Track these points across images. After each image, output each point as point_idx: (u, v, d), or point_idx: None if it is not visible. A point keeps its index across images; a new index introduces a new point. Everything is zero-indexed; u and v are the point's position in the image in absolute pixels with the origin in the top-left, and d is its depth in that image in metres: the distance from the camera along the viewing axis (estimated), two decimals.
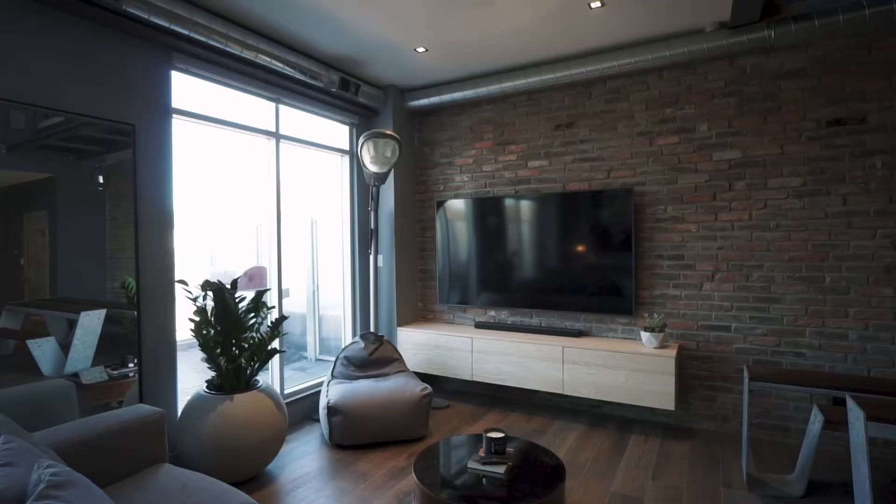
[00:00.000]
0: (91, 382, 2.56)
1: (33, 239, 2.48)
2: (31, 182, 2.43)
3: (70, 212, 2.51)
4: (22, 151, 2.33)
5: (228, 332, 2.63)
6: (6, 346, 2.35)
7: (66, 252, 2.51)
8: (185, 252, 5.31)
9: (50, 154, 2.41)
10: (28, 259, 2.45)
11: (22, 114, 2.26)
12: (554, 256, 3.79)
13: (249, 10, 2.80)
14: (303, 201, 4.64)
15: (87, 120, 2.44)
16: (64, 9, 2.26)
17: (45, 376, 2.44)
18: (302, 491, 2.59)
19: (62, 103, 2.32)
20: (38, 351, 2.50)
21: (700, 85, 3.36)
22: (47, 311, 2.52)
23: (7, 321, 2.38)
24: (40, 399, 2.39)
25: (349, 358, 3.66)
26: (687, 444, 3.14)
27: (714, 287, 3.34)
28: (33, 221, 2.48)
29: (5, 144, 2.25)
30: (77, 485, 1.26)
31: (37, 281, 2.48)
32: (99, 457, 1.87)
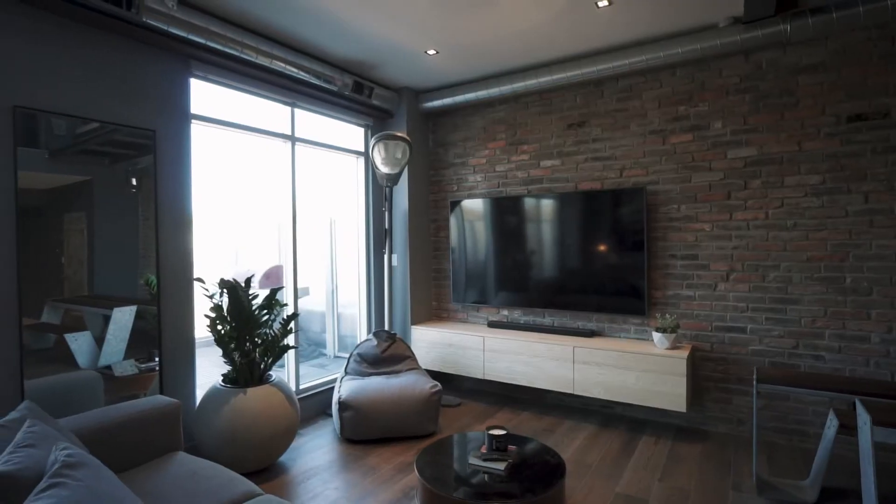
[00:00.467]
0: (122, 375, 2.72)
1: (73, 238, 2.64)
2: (70, 185, 2.60)
3: (106, 212, 2.67)
4: (62, 156, 2.49)
5: (242, 328, 2.74)
6: (48, 339, 2.52)
7: (102, 251, 2.67)
8: (210, 251, 5.53)
9: (87, 158, 2.57)
10: (68, 258, 2.62)
11: (63, 121, 2.42)
12: (566, 256, 3.78)
13: (263, 18, 2.91)
14: (322, 202, 4.76)
15: (114, 126, 2.59)
16: (91, 23, 2.40)
17: (81, 368, 2.60)
18: (312, 482, 2.68)
19: (89, 111, 2.47)
20: (75, 344, 2.66)
21: (714, 81, 3.30)
22: (85, 307, 2.68)
23: (48, 316, 2.55)
24: (70, 388, 2.54)
25: (362, 355, 3.74)
26: (699, 446, 3.10)
27: (729, 287, 3.28)
28: (73, 222, 2.65)
29: (48, 150, 2.42)
30: (89, 466, 1.35)
31: (76, 278, 2.65)
32: (117, 443, 1.99)
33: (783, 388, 2.29)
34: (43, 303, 2.55)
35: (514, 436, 2.63)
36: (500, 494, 2.06)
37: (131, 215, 2.74)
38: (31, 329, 2.47)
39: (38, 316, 2.57)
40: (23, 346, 2.28)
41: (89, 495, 1.23)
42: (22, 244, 2.35)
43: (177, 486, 1.81)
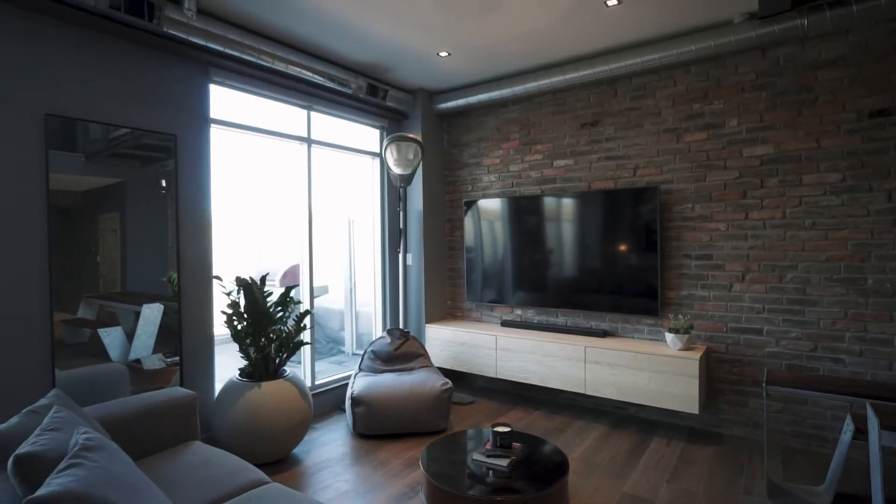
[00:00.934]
0: (151, 368, 2.86)
1: (107, 238, 2.80)
2: (105, 186, 2.75)
3: (137, 213, 2.82)
4: (97, 159, 2.65)
5: (257, 325, 2.85)
6: (83, 334, 2.68)
7: (134, 249, 2.82)
8: (235, 250, 5.71)
9: (120, 161, 2.73)
10: (103, 256, 2.77)
11: (97, 126, 2.56)
12: (579, 256, 3.77)
13: (279, 25, 3.01)
14: (340, 202, 4.86)
15: (140, 132, 2.73)
16: (116, 34, 2.54)
17: (113, 361, 2.75)
18: (323, 474, 2.76)
19: (113, 117, 2.61)
20: (108, 339, 2.82)
21: (729, 78, 3.24)
22: (117, 303, 2.83)
23: (84, 311, 2.71)
24: (98, 379, 2.69)
25: (376, 352, 3.81)
26: (712, 449, 3.05)
27: (744, 288, 3.22)
28: (107, 222, 2.81)
29: (84, 153, 2.58)
30: (106, 449, 1.45)
31: (109, 276, 2.80)
32: (137, 431, 2.10)
33: (792, 391, 2.25)
34: (79, 299, 2.71)
35: (519, 433, 2.66)
36: (502, 490, 2.09)
37: (160, 215, 2.88)
38: (69, 324, 2.63)
39: (74, 311, 2.74)
40: (53, 338, 2.42)
41: (104, 475, 1.33)
42: (58, 243, 2.51)
43: (190, 473, 1.91)
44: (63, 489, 1.21)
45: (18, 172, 2.29)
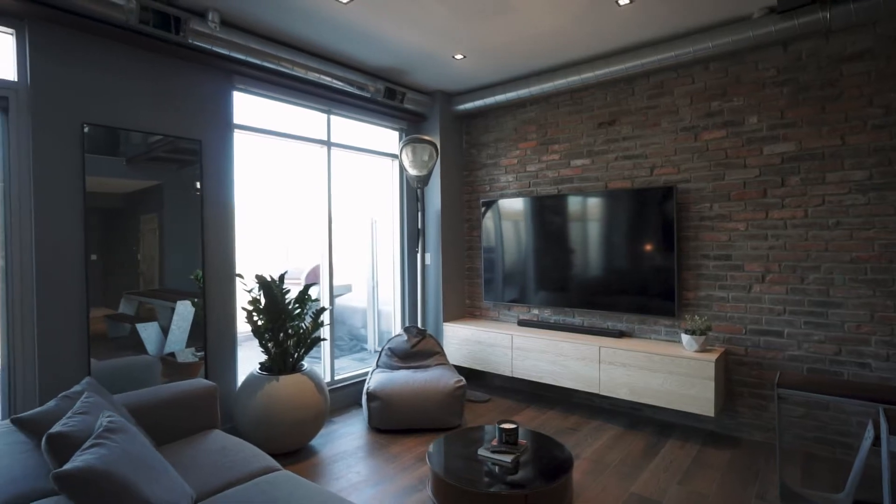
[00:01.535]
0: (184, 362, 3.03)
1: (147, 237, 2.99)
2: (145, 189, 2.95)
3: (174, 214, 3.01)
4: (137, 163, 2.84)
5: (276, 321, 2.97)
6: (125, 328, 2.87)
7: (171, 248, 3.00)
8: (264, 250, 5.92)
9: (158, 164, 2.92)
10: (143, 255, 2.96)
11: (136, 132, 2.75)
12: (596, 256, 3.76)
13: (298, 33, 3.13)
14: (363, 203, 4.98)
15: (170, 138, 2.90)
16: (144, 47, 2.71)
17: (149, 354, 2.93)
18: (337, 465, 2.87)
19: (142, 124, 2.78)
20: (145, 333, 3.01)
21: (749, 75, 3.17)
22: (155, 299, 3.02)
23: (124, 307, 2.91)
24: (131, 370, 2.87)
25: (393, 349, 3.90)
26: (728, 453, 3.00)
27: (764, 289, 3.14)
28: (147, 222, 3.00)
29: (125, 157, 2.77)
30: (127, 432, 1.58)
31: (149, 273, 2.99)
32: (162, 418, 2.25)
33: (803, 394, 2.19)
34: (120, 295, 2.90)
35: (528, 431, 2.69)
36: (504, 484, 2.13)
37: (195, 216, 3.05)
38: (111, 319, 2.83)
39: (116, 307, 2.93)
40: (89, 331, 2.61)
41: (123, 455, 1.45)
42: (103, 243, 2.73)
43: (207, 458, 2.03)
44: (85, 465, 1.33)
45: (59, 179, 2.48)
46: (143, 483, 1.43)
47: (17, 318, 2.37)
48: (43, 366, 2.43)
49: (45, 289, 2.43)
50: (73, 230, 2.53)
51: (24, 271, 2.38)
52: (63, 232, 2.49)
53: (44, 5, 2.30)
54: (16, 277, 2.36)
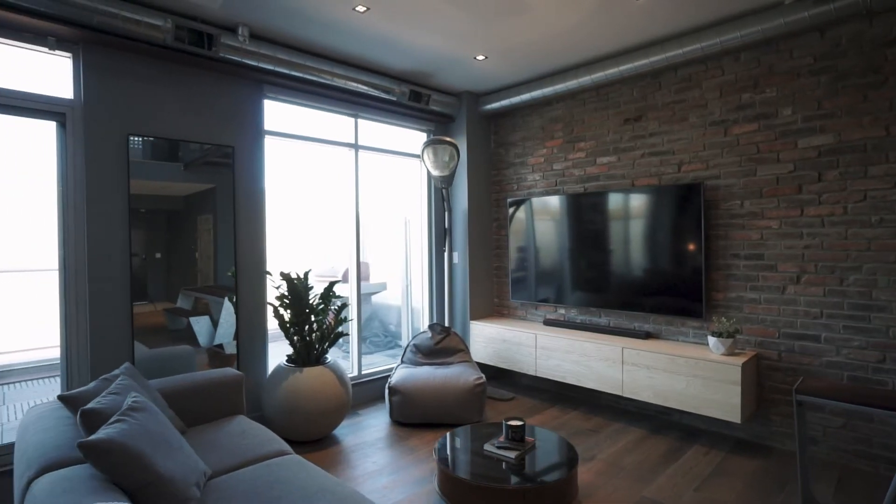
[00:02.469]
0: (231, 353, 3.29)
1: (203, 236, 3.27)
2: (201, 191, 3.23)
3: (225, 214, 3.27)
4: (193, 168, 3.13)
5: (300, 316, 3.15)
6: (182, 322, 3.16)
7: (223, 247, 3.26)
8: (306, 249, 6.19)
9: (211, 169, 3.20)
10: (200, 253, 3.24)
11: (176, 140, 3.02)
12: (622, 255, 3.68)
13: (322, 42, 3.29)
14: (396, 203, 5.12)
15: (209, 146, 3.15)
16: (181, 62, 2.96)
17: (201, 346, 3.20)
18: (355, 454, 3.00)
19: (181, 133, 3.03)
20: (198, 326, 3.29)
21: (783, 64, 3.00)
22: (207, 295, 3.30)
23: (182, 302, 3.20)
24: (172, 359, 3.14)
25: (417, 346, 4.00)
26: (756, 462, 2.86)
27: (799, 291, 2.97)
28: (203, 223, 3.28)
29: (182, 163, 3.07)
30: (148, 411, 1.76)
31: (205, 270, 3.27)
32: (192, 403, 2.45)
33: (822, 401, 2.07)
34: (178, 291, 3.19)
35: (540, 430, 2.70)
36: (505, 480, 2.17)
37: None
38: (170, 312, 3.13)
39: (174, 301, 3.23)
40: (133, 321, 2.87)
41: (141, 430, 1.62)
42: (167, 242, 3.05)
43: (227, 440, 2.21)
44: (106, 437, 1.50)
45: (107, 185, 2.76)
46: (157, 456, 1.59)
47: (73, 308, 2.67)
48: (94, 351, 2.71)
49: (95, 283, 2.72)
50: (119, 230, 2.81)
51: (78, 267, 2.67)
52: (110, 232, 2.77)
53: (95, 31, 2.57)
54: (71, 272, 2.66)
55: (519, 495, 2.11)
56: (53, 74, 2.66)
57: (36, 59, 2.64)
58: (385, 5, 2.80)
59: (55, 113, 2.61)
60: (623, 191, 3.66)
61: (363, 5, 2.79)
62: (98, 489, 1.44)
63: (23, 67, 2.59)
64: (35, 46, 2.56)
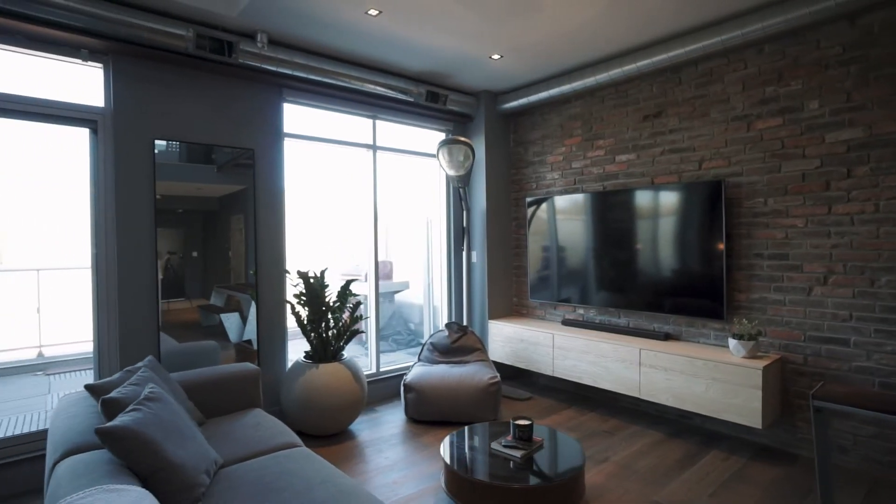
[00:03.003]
0: (257, 349, 3.42)
1: (235, 236, 3.42)
2: (233, 192, 3.38)
3: (257, 215, 3.42)
4: (226, 170, 3.29)
5: (317, 313, 3.23)
6: (214, 318, 3.32)
7: (253, 246, 3.39)
8: (333, 248, 6.32)
9: (242, 170, 3.35)
10: (233, 251, 3.39)
11: (198, 144, 3.17)
12: (641, 254, 3.61)
13: (339, 46, 3.36)
14: (417, 203, 5.18)
15: (231, 149, 3.28)
16: (203, 69, 3.09)
17: (231, 342, 3.34)
18: (369, 449, 3.06)
19: (203, 137, 3.17)
20: (228, 322, 3.44)
21: (809, 55, 2.88)
22: (239, 292, 3.44)
23: (215, 299, 3.35)
24: (199, 353, 3.28)
25: (434, 344, 4.04)
26: (778, 469, 2.75)
27: (827, 292, 2.84)
28: (236, 222, 3.43)
29: (216, 165, 3.23)
30: (163, 401, 1.86)
31: (237, 269, 3.42)
32: (211, 395, 2.56)
33: (839, 407, 1.97)
34: (211, 288, 3.35)
35: (551, 430, 2.68)
36: (509, 478, 2.17)
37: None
38: (204, 309, 3.29)
39: (209, 298, 3.38)
40: (159, 317, 3.02)
41: (154, 419, 1.72)
42: (203, 241, 3.23)
43: (240, 432, 2.30)
44: (122, 424, 1.60)
45: (134, 187, 2.92)
46: (168, 444, 1.68)
47: (104, 303, 2.83)
48: (122, 345, 2.87)
49: (123, 280, 2.87)
50: (146, 230, 2.96)
51: (108, 265, 2.83)
52: (137, 231, 2.92)
53: (124, 42, 2.72)
54: (102, 270, 2.83)
55: (523, 494, 2.11)
56: (86, 84, 2.83)
57: (71, 71, 2.81)
58: (396, 8, 2.84)
59: (88, 120, 2.78)
60: (642, 189, 3.58)
61: (375, 9, 2.84)
62: (113, 472, 1.54)
63: (59, 79, 2.77)
64: (71, 59, 2.73)
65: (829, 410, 2.06)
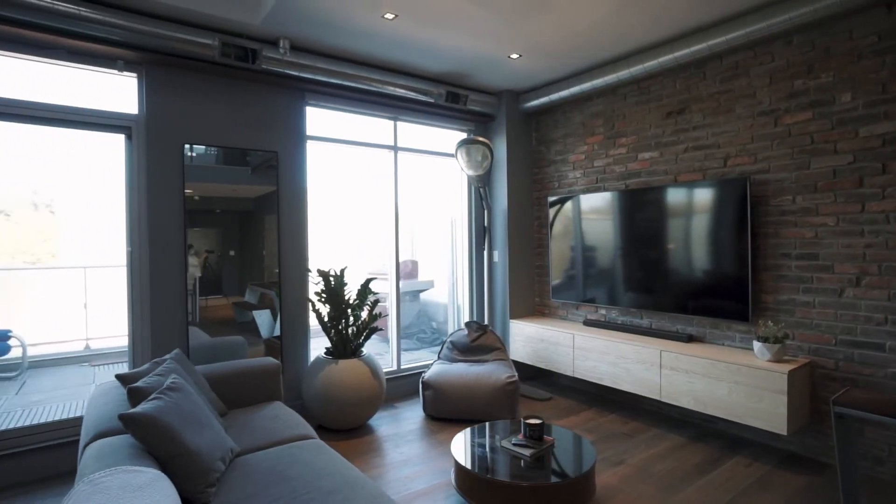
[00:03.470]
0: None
1: (269, 235, 3.57)
2: (267, 193, 3.53)
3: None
4: (259, 171, 3.45)
5: (337, 310, 3.33)
6: (248, 315, 3.48)
7: (286, 245, 3.54)
8: (354, 247, 6.45)
9: (274, 172, 3.49)
10: (267, 250, 3.54)
11: (225, 147, 3.33)
12: (663, 254, 3.53)
13: (359, 50, 3.44)
14: (441, 203, 5.22)
15: (257, 152, 3.42)
16: (228, 76, 3.23)
17: (262, 338, 3.49)
18: (386, 444, 3.13)
19: (230, 141, 3.31)
20: (260, 319, 3.59)
21: (841, 45, 2.74)
22: (270, 290, 3.59)
23: (249, 296, 3.51)
24: (228, 347, 3.43)
25: (454, 343, 4.08)
26: (804, 478, 2.65)
27: (860, 294, 2.70)
28: (269, 222, 3.58)
29: (250, 167, 3.40)
30: (183, 391, 1.97)
31: (270, 267, 3.57)
32: (234, 388, 2.68)
33: (862, 414, 1.88)
34: (246, 286, 3.51)
35: (565, 430, 2.67)
36: (517, 476, 2.18)
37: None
38: (238, 306, 3.45)
39: (242, 295, 3.55)
40: (188, 312, 3.18)
41: (174, 408, 1.82)
42: (239, 240, 3.40)
43: (258, 423, 2.40)
44: (143, 411, 1.71)
45: (164, 189, 3.08)
46: (186, 431, 1.78)
47: (138, 298, 3.01)
48: (154, 338, 3.04)
49: (155, 278, 3.04)
50: (176, 229, 3.12)
51: (141, 263, 3.01)
52: (167, 231, 3.08)
53: (155, 52, 2.89)
54: (136, 268, 3.00)
55: (531, 492, 2.12)
56: (121, 93, 3.02)
57: (107, 81, 3.00)
58: (411, 12, 2.89)
59: (123, 127, 2.96)
60: (665, 187, 3.50)
61: (391, 13, 2.90)
62: (134, 455, 1.65)
63: (96, 89, 2.96)
64: (107, 70, 2.92)
65: (851, 417, 1.97)
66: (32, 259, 6.29)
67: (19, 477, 2.69)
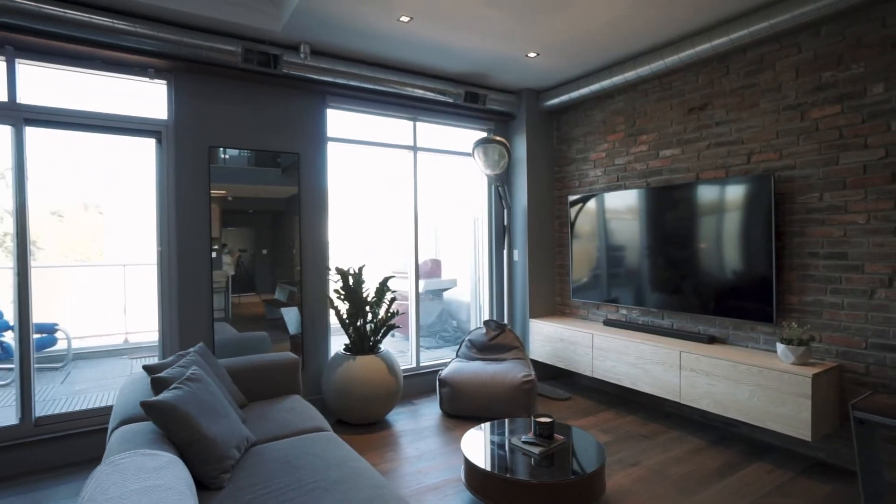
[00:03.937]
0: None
1: (298, 234, 3.68)
2: (297, 194, 3.65)
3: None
4: (288, 172, 3.59)
5: (355, 308, 3.41)
6: (277, 312, 3.63)
7: (307, 244, 3.66)
8: (377, 246, 6.55)
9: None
10: (297, 249, 3.67)
11: (248, 149, 3.46)
12: (686, 253, 3.45)
13: (377, 52, 3.51)
14: (464, 202, 5.25)
15: (279, 153, 3.55)
16: (251, 80, 3.35)
17: (290, 334, 3.63)
18: (402, 439, 3.18)
19: (254, 143, 3.44)
20: (288, 316, 3.73)
21: (873, 35, 2.62)
22: (295, 288, 3.73)
23: (279, 294, 3.66)
24: (254, 341, 3.57)
25: (472, 341, 4.10)
26: (828, 486, 2.55)
27: (892, 295, 2.58)
28: (299, 221, 3.70)
29: (280, 168, 3.55)
30: (202, 382, 2.07)
31: (298, 266, 3.71)
32: (254, 380, 2.79)
33: (885, 420, 1.80)
34: (276, 284, 3.66)
35: (577, 430, 2.66)
36: (525, 473, 2.19)
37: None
38: (268, 303, 3.60)
39: (272, 293, 3.69)
40: (213, 308, 3.31)
41: (192, 398, 1.92)
42: (271, 239, 3.53)
43: (275, 414, 2.50)
44: (163, 399, 1.82)
45: (191, 190, 3.23)
46: (203, 420, 1.88)
47: (167, 295, 3.17)
48: (181, 332, 3.19)
49: (182, 275, 3.19)
50: (202, 229, 3.26)
51: (171, 259, 3.16)
52: (194, 230, 3.23)
53: (183, 60, 3.03)
54: (165, 266, 3.16)
55: (537, 489, 2.12)
56: (150, 99, 3.18)
57: (140, 88, 3.17)
58: (426, 14, 2.93)
59: (154, 131, 3.12)
60: (687, 185, 3.43)
61: (406, 15, 2.95)
62: (154, 441, 1.75)
63: (128, 96, 3.14)
64: (139, 77, 3.09)
65: (873, 423, 1.89)
66: (83, 257, 6.70)
67: (67, 458, 2.89)
